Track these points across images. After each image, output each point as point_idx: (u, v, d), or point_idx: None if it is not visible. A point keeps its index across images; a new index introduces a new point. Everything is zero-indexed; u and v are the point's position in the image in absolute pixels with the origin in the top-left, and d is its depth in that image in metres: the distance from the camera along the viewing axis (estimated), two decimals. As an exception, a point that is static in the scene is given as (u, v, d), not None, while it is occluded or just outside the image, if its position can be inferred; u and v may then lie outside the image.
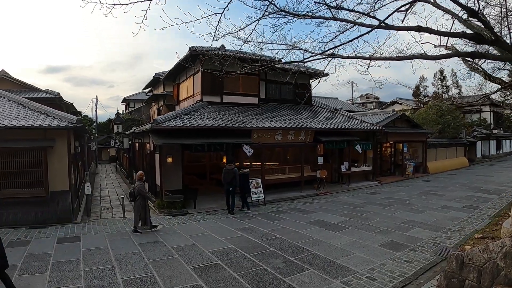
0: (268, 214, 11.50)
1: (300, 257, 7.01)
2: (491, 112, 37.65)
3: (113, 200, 14.96)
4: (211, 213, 11.89)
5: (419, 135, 24.54)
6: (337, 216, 10.88)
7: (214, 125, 12.75)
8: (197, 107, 14.56)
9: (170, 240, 8.33)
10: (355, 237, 8.50)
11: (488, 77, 9.40)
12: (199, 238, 8.55)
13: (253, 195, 13.15)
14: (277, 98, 18.54)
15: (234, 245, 7.85)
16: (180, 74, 18.96)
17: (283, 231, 9.18)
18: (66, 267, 6.53)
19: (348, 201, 13.64)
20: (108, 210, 12.75)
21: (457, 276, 4.77)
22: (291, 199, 14.41)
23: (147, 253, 7.31)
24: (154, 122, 11.90)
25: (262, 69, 8.25)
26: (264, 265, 6.51)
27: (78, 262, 6.84)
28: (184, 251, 7.43)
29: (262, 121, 14.50)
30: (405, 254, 7.17)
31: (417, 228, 9.27)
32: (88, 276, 6.09)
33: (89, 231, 9.49)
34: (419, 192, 15.48)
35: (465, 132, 31.27)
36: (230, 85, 16.04)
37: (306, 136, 16.21)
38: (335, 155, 18.65)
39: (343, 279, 5.92)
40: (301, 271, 6.25)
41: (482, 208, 11.68)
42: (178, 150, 12.95)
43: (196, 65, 16.20)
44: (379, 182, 19.34)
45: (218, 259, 6.91)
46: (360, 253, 7.29)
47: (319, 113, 18.86)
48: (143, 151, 16.49)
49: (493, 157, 35.16)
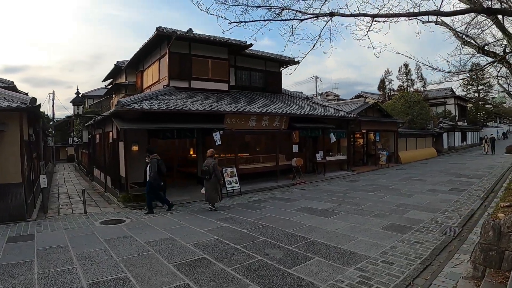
0: (248, 204, 10.47)
1: (299, 245, 6.00)
2: (455, 105, 38.80)
3: (73, 197, 13.26)
4: (183, 205, 10.66)
5: (391, 124, 24.43)
6: (324, 203, 10.05)
7: (185, 108, 11.48)
8: (164, 92, 13.22)
9: (141, 235, 7.02)
10: (351, 222, 7.67)
11: (482, 50, 8.97)
12: (175, 230, 7.31)
13: (228, 185, 12.05)
14: (247, 86, 17.57)
15: (219, 236, 6.70)
16: (144, 60, 17.45)
17: (270, 219, 8.16)
18: (17, 271, 5.08)
19: (329, 189, 12.87)
20: (67, 207, 11.14)
21: (495, 247, 4.10)
22: (267, 189, 13.46)
23: (116, 250, 5.98)
24: (118, 104, 10.43)
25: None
26: (260, 256, 5.42)
27: (32, 263, 5.40)
28: (160, 246, 6.17)
29: (235, 106, 13.41)
30: (412, 235, 6.51)
31: (412, 210, 8.72)
32: (44, 280, 4.71)
33: (45, 229, 7.94)
34: (399, 179, 15.07)
35: (433, 123, 31.83)
36: (199, 70, 14.90)
37: (281, 122, 15.32)
38: (309, 144, 17.97)
39: (357, 266, 5.00)
40: (305, 260, 5.23)
41: (469, 190, 11.47)
42: (144, 137, 11.55)
43: (163, 49, 14.90)
44: (353, 171, 18.85)
45: (203, 252, 5.72)
46: (363, 237, 6.45)
47: (291, 101, 18.04)
48: (104, 141, 14.83)
49: (458, 148, 36.12)
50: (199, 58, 14.86)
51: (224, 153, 14.32)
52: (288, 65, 19.33)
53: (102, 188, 15.01)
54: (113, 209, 10.51)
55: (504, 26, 8.05)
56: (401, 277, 4.60)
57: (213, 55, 15.16)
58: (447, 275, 4.63)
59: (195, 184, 13.97)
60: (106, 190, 14.15)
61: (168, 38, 13.86)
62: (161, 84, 14.66)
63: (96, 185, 17.12)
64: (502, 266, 4.02)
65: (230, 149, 14.46)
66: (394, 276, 4.63)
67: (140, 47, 15.63)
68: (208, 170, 9.53)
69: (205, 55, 14.97)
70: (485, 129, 46.98)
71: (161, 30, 13.36)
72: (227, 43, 15.05)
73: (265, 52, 18.09)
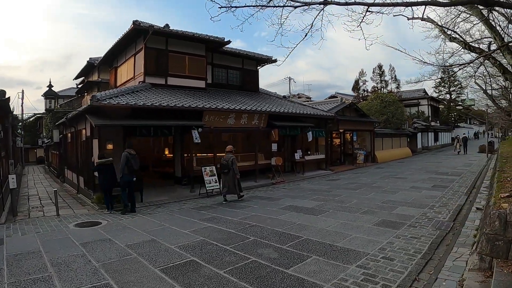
0: (230, 203, 10.07)
1: (293, 244, 5.67)
2: (428, 106, 39.76)
3: (44, 199, 12.39)
4: (162, 205, 10.14)
5: (368, 124, 24.64)
6: (309, 201, 9.80)
7: (163, 104, 10.95)
8: (140, 88, 12.61)
9: (121, 237, 6.48)
10: (341, 219, 7.43)
11: (468, 46, 9.01)
12: (157, 232, 6.82)
13: (208, 184, 11.60)
14: (224, 84, 17.18)
15: (205, 237, 6.26)
16: (119, 56, 16.71)
17: (256, 218, 7.79)
18: (-21, 281, 4.49)
19: (311, 188, 12.67)
20: (38, 209, 10.34)
21: (502, 237, 4.01)
22: (246, 188, 12.97)
23: (94, 255, 5.44)
24: (93, 99, 9.77)
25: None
26: (253, 257, 5.03)
27: (1, 271, 4.79)
28: (143, 249, 5.67)
29: (213, 103, 12.99)
30: (407, 231, 6.37)
31: (400, 206, 8.62)
32: (13, 291, 4.17)
33: (15, 232, 7.23)
34: (380, 177, 15.08)
35: (407, 124, 32.43)
36: (176, 66, 14.39)
37: (260, 120, 15.00)
38: (287, 143, 17.75)
39: (358, 263, 4.74)
40: (302, 259, 4.90)
41: (451, 187, 11.58)
42: (120, 135, 10.94)
43: (138, 44, 14.28)
44: (332, 170, 18.80)
45: (191, 254, 5.27)
46: (357, 234, 6.22)
47: (268, 100, 17.74)
48: (77, 140, 13.99)
49: (431, 148, 37.03)
50: (176, 54, 14.34)
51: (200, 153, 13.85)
52: (265, 63, 19.13)
53: (75, 189, 14.18)
54: (87, 211, 9.85)
55: (491, 23, 8.11)
56: (405, 273, 4.39)
57: (190, 51, 14.70)
58: (450, 268, 4.47)
59: (172, 184, 13.46)
60: (78, 191, 13.36)
61: (144, 32, 13.28)
62: (137, 81, 14.04)
63: (67, 187, 16.22)
64: (509, 256, 3.92)
65: (209, 147, 14.05)
66: (398, 272, 4.41)
67: (115, 42, 14.93)
68: (227, 165, 10.27)
69: (182, 51, 14.48)
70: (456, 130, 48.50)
71: (138, 24, 12.78)
72: (205, 39, 14.64)
73: (242, 50, 17.80)
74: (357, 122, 23.43)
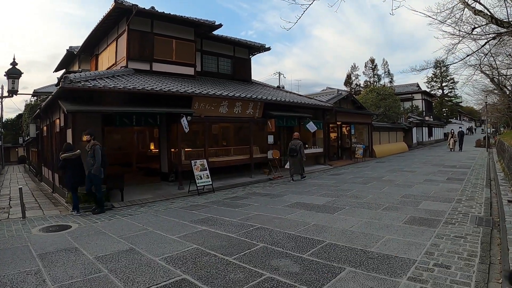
0: (226, 202, 8.71)
1: (315, 251, 4.39)
2: (422, 100, 38.98)
3: (15, 198, 10.85)
4: (146, 205, 8.73)
5: (365, 116, 23.59)
6: (318, 197, 8.55)
7: (147, 88, 9.53)
8: (122, 72, 11.19)
9: (91, 245, 5.08)
10: (363, 217, 6.20)
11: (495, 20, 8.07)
12: (138, 238, 5.44)
13: (198, 179, 10.24)
14: (214, 72, 15.85)
15: (199, 245, 4.91)
16: (100, 43, 15.22)
17: (260, 218, 6.48)
18: None
19: (315, 183, 11.43)
20: (4, 210, 8.88)
21: None
22: (241, 184, 11.80)
23: (52, 271, 4.04)
24: (65, 80, 8.28)
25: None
26: (267, 273, 3.71)
27: None
28: (117, 262, 4.28)
29: (204, 90, 11.64)
30: (446, 229, 5.25)
31: (424, 201, 7.49)
32: None
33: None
34: (386, 171, 13.98)
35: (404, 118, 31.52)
36: (162, 51, 13.00)
37: (255, 109, 13.70)
38: (283, 135, 16.47)
39: (409, 275, 3.54)
40: (334, 273, 3.62)
41: (467, 179, 10.64)
42: (97, 124, 9.50)
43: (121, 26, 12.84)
44: (331, 165, 17.61)
45: (182, 271, 3.90)
46: (390, 235, 5.01)
47: (262, 90, 16.41)
48: (52, 132, 12.47)
49: (426, 144, 36.19)
50: (163, 38, 12.95)
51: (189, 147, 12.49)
52: (258, 52, 17.87)
53: (51, 188, 12.68)
54: (59, 212, 8.41)
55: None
56: (471, 284, 3.29)
57: (178, 35, 13.32)
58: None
59: (158, 181, 12.09)
60: (54, 190, 11.86)
61: (127, 13, 11.88)
62: (119, 66, 12.61)
63: (44, 186, 14.69)
64: None
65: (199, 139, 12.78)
66: (462, 284, 3.30)
67: (95, 26, 13.41)
68: (295, 149, 12.16)
69: (170, 34, 13.10)
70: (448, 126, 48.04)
71: (120, 2, 11.35)
72: (194, 22, 13.32)
73: (233, 37, 16.44)
74: (354, 115, 22.34)
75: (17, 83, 9.93)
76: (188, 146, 12.49)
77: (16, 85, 9.93)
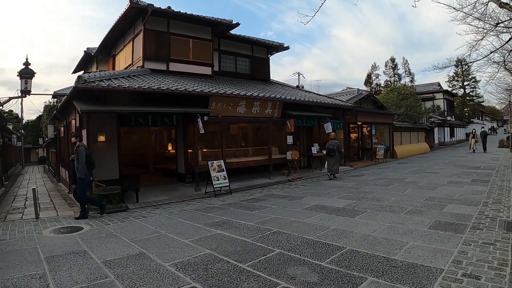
0: (242, 204, 8.47)
1: (334, 258, 4.08)
2: (444, 100, 37.80)
3: (30, 199, 10.93)
4: (161, 206, 8.59)
5: (387, 116, 22.96)
6: (338, 200, 8.21)
7: (162, 88, 9.39)
8: (138, 72, 11.12)
9: (100, 248, 4.92)
10: (385, 221, 5.83)
11: None
12: (149, 241, 5.25)
13: (215, 181, 10.03)
14: (232, 72, 15.67)
15: (212, 250, 4.68)
16: (117, 44, 15.27)
17: (277, 222, 6.20)
18: None
19: (335, 184, 11.06)
20: (18, 211, 8.91)
21: None
22: (259, 186, 11.56)
23: (57, 276, 3.88)
24: (78, 80, 8.24)
25: None
26: (283, 282, 3.42)
27: None
28: (125, 268, 4.09)
29: (221, 89, 11.45)
30: (473, 234, 4.88)
31: (449, 204, 7.07)
32: None
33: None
34: (408, 172, 13.46)
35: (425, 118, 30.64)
36: (179, 50, 12.91)
37: (274, 109, 13.43)
38: (303, 136, 16.15)
39: (436, 286, 3.19)
40: (355, 283, 3.31)
41: (493, 181, 10.08)
42: (113, 125, 9.47)
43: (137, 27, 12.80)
44: (351, 166, 17.15)
45: (192, 278, 3.66)
46: (414, 241, 4.66)
47: (281, 89, 16.10)
48: (68, 133, 12.55)
49: (447, 144, 35.03)
50: (179, 38, 12.85)
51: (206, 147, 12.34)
52: (276, 51, 17.58)
53: (67, 189, 12.75)
54: (73, 213, 8.32)
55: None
56: None
57: (195, 34, 13.20)
58: None
59: (174, 182, 11.96)
60: (70, 191, 11.89)
61: (143, 12, 11.85)
62: (135, 66, 12.57)
63: (62, 187, 14.80)
64: None
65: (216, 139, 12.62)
66: None
67: (111, 26, 13.43)
68: (333, 149, 12.38)
69: (186, 34, 13.00)
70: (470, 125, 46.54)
71: (135, 2, 11.32)
72: (211, 21, 13.19)
73: (251, 36, 16.21)
74: (375, 115, 21.76)
75: (30, 83, 9.95)
76: (205, 146, 12.37)
77: (29, 85, 9.96)
